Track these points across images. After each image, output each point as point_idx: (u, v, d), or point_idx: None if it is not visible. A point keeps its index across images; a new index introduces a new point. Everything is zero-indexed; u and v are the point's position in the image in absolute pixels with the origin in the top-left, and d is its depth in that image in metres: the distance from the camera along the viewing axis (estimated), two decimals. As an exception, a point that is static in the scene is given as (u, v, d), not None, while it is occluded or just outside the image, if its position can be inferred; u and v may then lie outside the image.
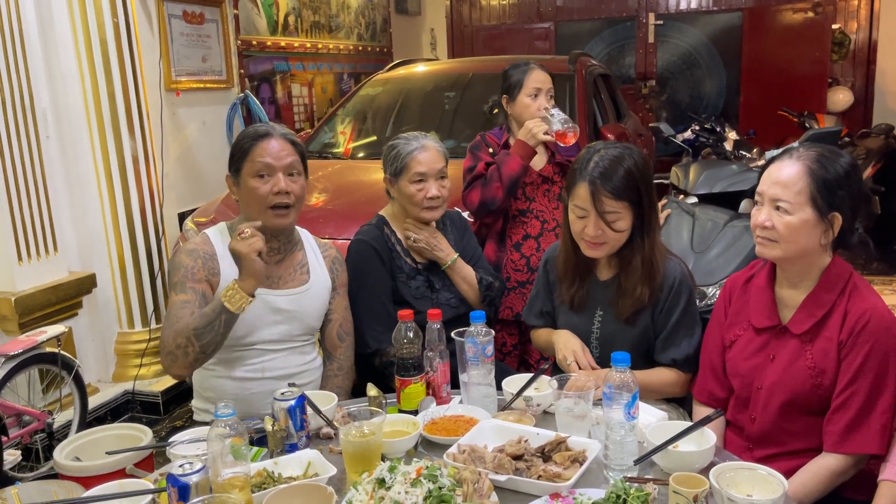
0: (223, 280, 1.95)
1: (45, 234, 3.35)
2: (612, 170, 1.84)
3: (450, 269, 2.31)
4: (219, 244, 2.00)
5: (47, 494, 1.87)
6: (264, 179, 1.94)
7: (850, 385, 1.60)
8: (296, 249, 2.09)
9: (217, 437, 1.37)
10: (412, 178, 2.21)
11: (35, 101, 3.31)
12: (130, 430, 2.48)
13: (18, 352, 2.88)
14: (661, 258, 1.92)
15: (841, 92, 7.13)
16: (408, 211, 2.27)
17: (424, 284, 2.29)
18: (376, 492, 1.32)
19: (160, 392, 3.67)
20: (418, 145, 2.23)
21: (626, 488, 1.32)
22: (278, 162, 1.95)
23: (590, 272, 2.00)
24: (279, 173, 1.94)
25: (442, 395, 1.83)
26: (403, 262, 2.28)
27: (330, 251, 2.17)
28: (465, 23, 8.56)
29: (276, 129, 1.99)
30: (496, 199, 2.62)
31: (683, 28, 7.83)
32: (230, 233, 2.02)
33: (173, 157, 4.22)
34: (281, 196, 1.94)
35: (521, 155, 2.61)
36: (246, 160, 1.96)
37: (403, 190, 2.23)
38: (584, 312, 1.99)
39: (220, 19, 4.73)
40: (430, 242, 2.27)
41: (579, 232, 1.90)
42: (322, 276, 2.11)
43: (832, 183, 1.61)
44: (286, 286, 2.03)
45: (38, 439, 3.01)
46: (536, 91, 2.70)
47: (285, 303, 2.02)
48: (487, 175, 2.65)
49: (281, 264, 2.05)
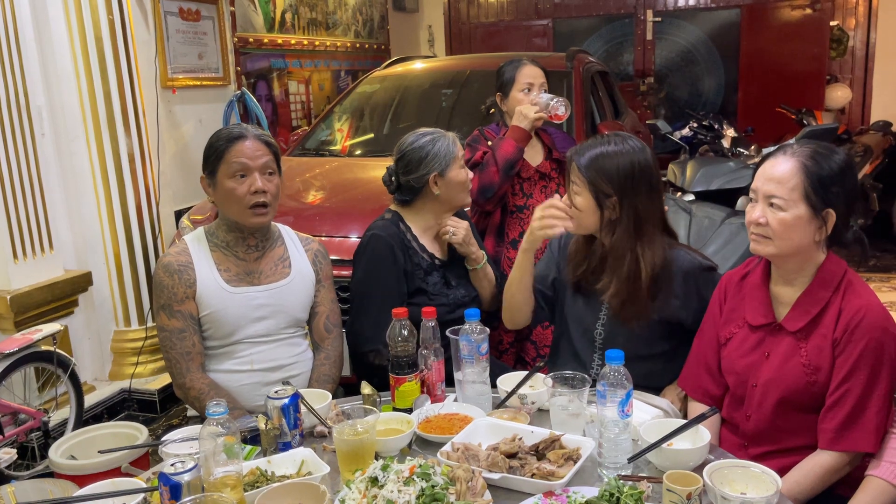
0: (199, 287, 2.00)
1: (41, 233, 3.34)
2: (591, 149, 1.92)
3: (481, 270, 2.32)
4: (195, 251, 2.04)
5: (43, 493, 1.87)
6: (241, 180, 1.98)
7: (844, 382, 1.60)
8: (276, 245, 2.13)
9: (209, 435, 1.37)
10: (461, 164, 2.28)
11: (30, 98, 3.29)
12: (126, 428, 2.48)
13: (14, 350, 2.88)
14: (651, 254, 1.90)
15: (839, 89, 7.12)
16: (455, 200, 2.28)
17: (441, 281, 2.29)
18: (369, 490, 1.32)
19: (157, 390, 3.66)
20: (452, 136, 2.30)
21: (619, 486, 1.32)
22: (254, 162, 1.98)
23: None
24: (255, 173, 1.98)
25: (436, 393, 1.83)
26: (421, 257, 2.27)
27: (312, 245, 2.20)
28: (463, 20, 8.55)
29: (249, 131, 2.02)
30: (493, 182, 2.63)
31: (682, 25, 7.82)
32: (207, 237, 2.07)
33: (169, 155, 4.22)
34: (259, 195, 1.98)
35: (514, 138, 2.62)
36: (221, 162, 1.99)
37: (454, 179, 2.25)
38: (591, 297, 2.00)
39: (216, 16, 4.72)
40: (469, 237, 2.29)
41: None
42: (304, 269, 2.14)
43: (826, 179, 1.61)
44: (267, 281, 2.07)
45: (34, 438, 3.01)
46: (528, 86, 2.74)
47: (267, 297, 2.05)
48: (484, 161, 2.67)
49: (261, 260, 2.08)
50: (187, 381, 1.98)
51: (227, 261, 2.04)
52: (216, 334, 2.03)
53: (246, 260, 2.06)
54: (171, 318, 1.99)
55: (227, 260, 2.04)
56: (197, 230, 2.11)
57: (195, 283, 2.00)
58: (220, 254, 2.05)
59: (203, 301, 2.00)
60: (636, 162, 1.90)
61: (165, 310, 2.00)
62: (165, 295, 1.99)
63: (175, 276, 1.99)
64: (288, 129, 5.48)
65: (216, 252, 2.05)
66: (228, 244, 2.06)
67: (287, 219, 2.83)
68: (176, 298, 1.99)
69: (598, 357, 2.00)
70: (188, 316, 1.99)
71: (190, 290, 2.00)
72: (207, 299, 2.00)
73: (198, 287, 2.00)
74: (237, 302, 2.01)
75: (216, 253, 2.04)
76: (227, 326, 2.02)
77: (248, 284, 2.04)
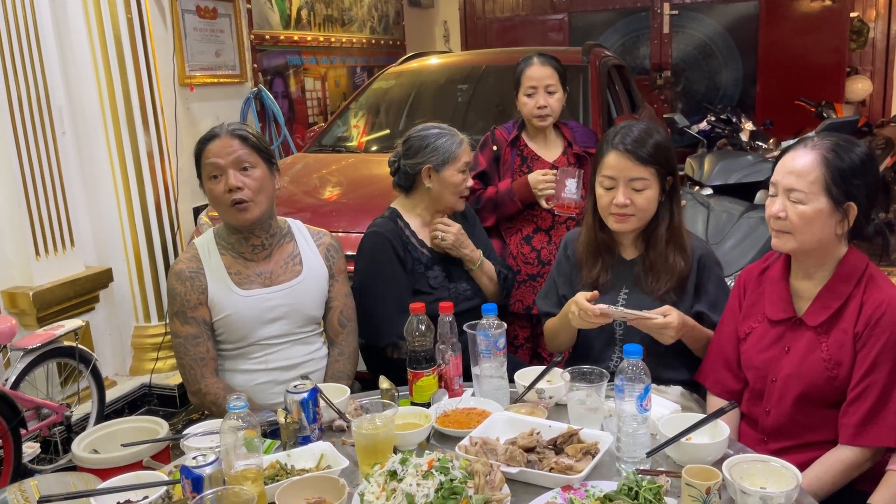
0: (211, 293, 1.99)
1: (62, 230, 3.39)
2: (641, 138, 1.90)
3: (479, 269, 2.33)
4: (205, 256, 2.03)
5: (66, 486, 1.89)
6: (217, 180, 1.97)
7: (865, 377, 1.58)
8: (284, 242, 2.10)
9: (230, 429, 1.38)
10: (461, 168, 2.27)
11: (51, 97, 3.34)
12: (147, 422, 2.50)
13: (37, 345, 2.92)
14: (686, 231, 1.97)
15: (859, 81, 7.04)
16: (444, 200, 2.29)
17: (442, 275, 2.30)
18: (388, 484, 1.32)
19: (176, 385, 3.70)
20: (461, 139, 2.30)
21: (638, 481, 1.32)
22: (224, 160, 1.96)
23: (612, 252, 2.02)
24: (228, 170, 1.96)
25: (454, 387, 1.84)
26: (420, 253, 2.29)
27: (324, 238, 2.17)
28: (479, 15, 8.53)
29: (223, 128, 1.99)
30: (484, 219, 2.65)
31: (699, 18, 7.76)
32: (216, 241, 2.06)
33: (188, 153, 4.22)
34: (234, 192, 1.95)
35: (521, 199, 2.62)
36: (201, 166, 2.00)
37: (448, 179, 2.26)
38: (608, 293, 1.99)
39: (233, 14, 4.75)
40: (458, 240, 2.28)
41: (607, 205, 1.92)
42: (317, 265, 2.11)
43: (847, 172, 1.59)
44: (279, 281, 2.05)
45: (57, 432, 3.05)
46: (532, 90, 2.66)
47: (280, 297, 2.03)
48: (482, 203, 2.68)
49: (270, 260, 2.06)
50: (202, 386, 1.98)
51: (237, 263, 2.03)
52: (230, 338, 2.02)
53: (254, 260, 2.04)
54: (185, 325, 1.99)
55: (236, 263, 2.03)
56: (206, 233, 2.10)
57: (206, 289, 1.99)
58: (228, 257, 2.03)
59: (216, 306, 1.99)
60: (663, 134, 1.96)
61: (179, 316, 2.00)
62: (178, 302, 1.99)
63: (187, 282, 1.99)
64: (304, 125, 5.51)
65: (225, 255, 2.03)
66: (234, 246, 2.04)
67: (304, 215, 2.86)
68: (189, 305, 1.98)
69: (617, 351, 2.00)
70: (202, 322, 1.99)
71: (202, 297, 1.99)
72: (220, 304, 1.99)
73: (209, 293, 1.99)
74: (250, 305, 1.99)
75: (225, 256, 2.03)
76: (240, 330, 2.01)
77: (260, 286, 2.02)
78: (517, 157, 2.74)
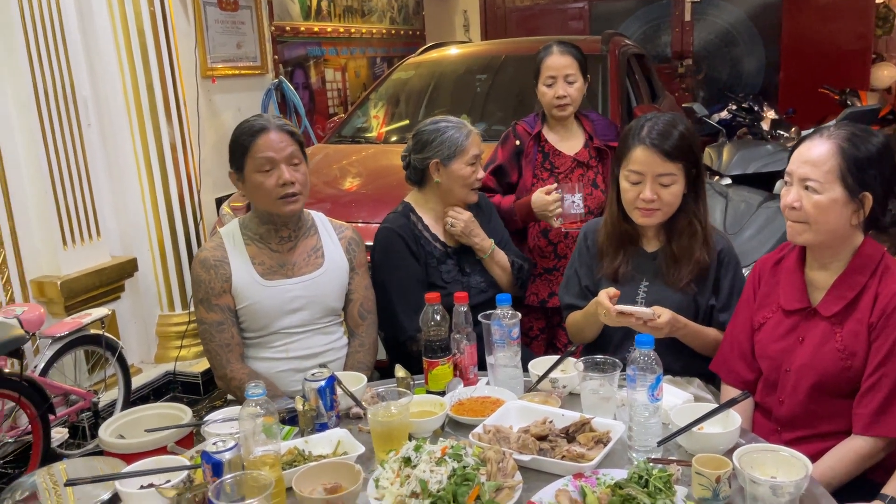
0: (235, 281, 2.03)
1: (88, 220, 3.45)
2: (668, 132, 1.88)
3: (490, 258, 2.33)
4: (230, 245, 2.07)
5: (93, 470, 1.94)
6: (268, 173, 1.99)
7: (880, 367, 1.58)
8: (308, 234, 2.14)
9: (249, 416, 1.42)
10: (468, 161, 2.27)
11: (76, 90, 3.39)
12: (171, 409, 2.56)
13: (65, 333, 2.99)
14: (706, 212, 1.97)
15: (885, 68, 6.92)
16: (455, 193, 2.30)
17: (455, 268, 2.31)
18: (402, 470, 1.35)
19: (200, 373, 3.77)
20: (468, 131, 2.29)
21: (649, 469, 1.33)
22: (279, 154, 1.99)
23: (634, 244, 2.02)
24: (282, 165, 1.99)
25: (469, 376, 1.86)
26: (433, 247, 2.30)
27: (346, 232, 2.20)
28: (498, 4, 8.50)
29: (271, 122, 2.02)
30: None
31: (721, 5, 7.67)
32: (242, 231, 2.09)
33: (210, 144, 4.30)
34: (287, 186, 1.99)
35: (522, 220, 2.62)
36: (248, 157, 2.00)
37: (457, 172, 2.26)
38: (628, 285, 2.00)
39: (253, 6, 4.78)
40: (468, 228, 2.29)
41: (633, 200, 1.92)
42: (338, 258, 2.15)
43: (863, 162, 1.58)
44: (300, 272, 2.09)
45: (85, 418, 3.13)
46: (552, 79, 2.61)
47: (301, 289, 2.07)
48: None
49: (294, 251, 2.10)
50: (228, 371, 2.03)
51: (262, 254, 2.07)
52: (252, 326, 2.07)
53: (280, 251, 2.08)
54: (210, 312, 2.03)
55: (261, 253, 2.07)
56: (231, 223, 2.14)
57: (231, 277, 2.03)
58: (254, 247, 2.07)
59: (239, 295, 2.04)
60: (688, 126, 1.95)
61: (204, 304, 2.04)
62: (203, 289, 2.03)
63: (211, 270, 2.03)
64: (325, 116, 5.54)
65: (250, 246, 2.07)
66: (262, 236, 2.08)
67: (324, 206, 2.89)
68: (213, 293, 2.02)
69: (631, 341, 2.00)
70: (226, 309, 2.03)
71: (226, 285, 2.03)
72: (243, 293, 2.03)
73: (233, 282, 2.03)
74: (272, 295, 2.04)
75: (250, 247, 2.07)
76: (262, 319, 2.05)
77: (283, 277, 2.06)
78: (538, 153, 2.70)
